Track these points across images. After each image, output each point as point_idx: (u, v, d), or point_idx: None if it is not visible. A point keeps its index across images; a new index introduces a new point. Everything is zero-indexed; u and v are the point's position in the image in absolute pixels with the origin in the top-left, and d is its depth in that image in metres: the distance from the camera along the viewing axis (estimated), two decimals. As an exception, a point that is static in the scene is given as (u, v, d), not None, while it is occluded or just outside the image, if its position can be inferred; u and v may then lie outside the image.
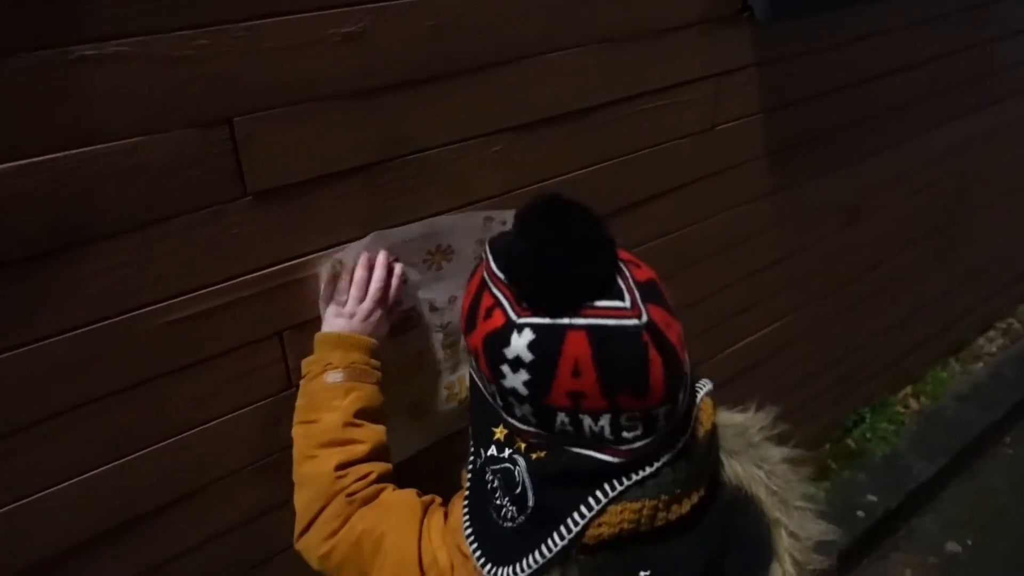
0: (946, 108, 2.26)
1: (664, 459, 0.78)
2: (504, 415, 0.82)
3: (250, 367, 1.10)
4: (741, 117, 1.61)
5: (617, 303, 0.74)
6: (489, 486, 0.82)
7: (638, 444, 0.76)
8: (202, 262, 0.99)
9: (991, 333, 3.31)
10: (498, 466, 0.81)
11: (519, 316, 0.75)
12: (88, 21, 0.81)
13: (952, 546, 2.50)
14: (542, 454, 0.79)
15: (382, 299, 1.10)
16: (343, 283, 1.08)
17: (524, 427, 0.80)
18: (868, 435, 2.73)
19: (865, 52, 1.84)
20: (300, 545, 0.98)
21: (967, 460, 2.78)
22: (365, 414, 1.02)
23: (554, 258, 0.74)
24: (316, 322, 1.11)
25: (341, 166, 1.06)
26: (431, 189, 1.17)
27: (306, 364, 1.07)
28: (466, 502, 0.87)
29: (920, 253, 2.56)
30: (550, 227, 0.76)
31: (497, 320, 0.77)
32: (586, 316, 0.73)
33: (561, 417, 0.75)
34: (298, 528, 0.98)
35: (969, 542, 2.51)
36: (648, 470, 0.77)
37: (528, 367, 0.74)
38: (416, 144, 1.13)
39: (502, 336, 0.76)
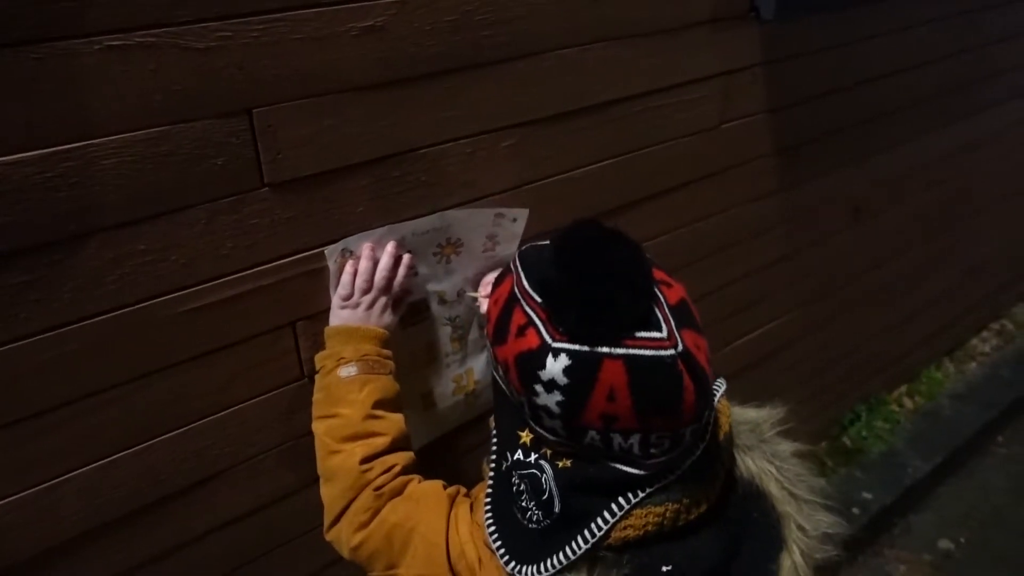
0: (948, 110, 2.28)
1: (686, 465, 0.79)
2: (531, 423, 0.82)
3: (264, 357, 1.11)
4: (748, 115, 1.62)
5: (655, 334, 0.74)
6: (515, 488, 0.84)
7: (664, 458, 0.78)
8: (221, 251, 1.00)
9: (985, 334, 3.34)
10: (525, 471, 0.82)
11: (554, 340, 0.75)
12: (114, 11, 0.82)
13: (946, 543, 2.53)
14: (568, 463, 0.80)
15: (387, 288, 1.11)
16: (347, 275, 1.09)
17: (552, 438, 0.80)
18: (864, 433, 2.76)
19: (870, 53, 1.85)
20: (331, 536, 1.00)
21: (962, 458, 2.81)
22: (383, 405, 1.03)
23: (596, 291, 0.73)
24: (328, 313, 1.12)
25: (357, 158, 1.07)
26: (445, 182, 1.18)
27: (319, 359, 1.08)
28: (488, 500, 0.88)
29: (920, 253, 2.58)
30: (591, 258, 0.76)
31: (531, 341, 0.76)
32: (624, 346, 0.73)
33: (591, 435, 0.76)
34: (328, 520, 1.00)
35: (963, 540, 2.54)
36: (671, 477, 0.79)
37: (562, 390, 0.74)
38: (431, 137, 1.14)
39: (537, 358, 0.75)
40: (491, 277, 1.24)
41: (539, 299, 0.78)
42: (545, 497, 0.80)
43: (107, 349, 0.96)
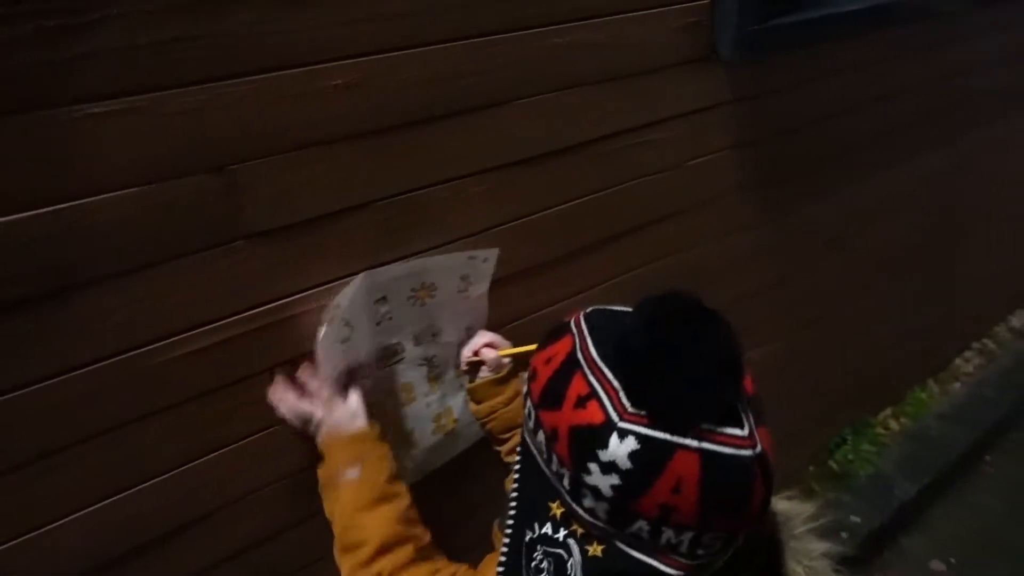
0: (921, 138, 2.34)
1: (718, 563, 0.74)
2: (568, 498, 0.75)
3: (246, 402, 1.13)
4: (717, 151, 1.67)
5: (737, 431, 0.69)
6: (535, 564, 0.78)
7: (707, 561, 0.72)
8: (205, 300, 1.03)
9: (968, 353, 3.37)
10: (552, 548, 0.76)
11: (622, 419, 0.69)
12: (90, 79, 0.86)
13: (938, 565, 2.53)
14: (598, 550, 0.73)
15: (329, 386, 1.13)
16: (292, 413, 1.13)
17: (588, 518, 0.73)
18: (851, 457, 2.77)
19: (834, 88, 1.91)
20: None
21: (950, 479, 2.82)
22: (366, 505, 1.04)
23: (692, 376, 0.68)
24: (308, 357, 1.15)
25: (335, 207, 1.11)
26: (422, 227, 1.22)
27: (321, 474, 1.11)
28: (501, 569, 0.83)
29: (899, 278, 2.62)
30: (689, 338, 0.69)
31: (594, 415, 0.70)
32: (704, 439, 0.68)
33: (640, 524, 0.70)
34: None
35: (953, 560, 2.54)
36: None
37: (623, 474, 0.68)
38: (408, 184, 1.18)
39: (599, 436, 0.69)
40: (477, 340, 1.28)
41: (608, 370, 0.72)
42: None
43: (94, 398, 0.98)
